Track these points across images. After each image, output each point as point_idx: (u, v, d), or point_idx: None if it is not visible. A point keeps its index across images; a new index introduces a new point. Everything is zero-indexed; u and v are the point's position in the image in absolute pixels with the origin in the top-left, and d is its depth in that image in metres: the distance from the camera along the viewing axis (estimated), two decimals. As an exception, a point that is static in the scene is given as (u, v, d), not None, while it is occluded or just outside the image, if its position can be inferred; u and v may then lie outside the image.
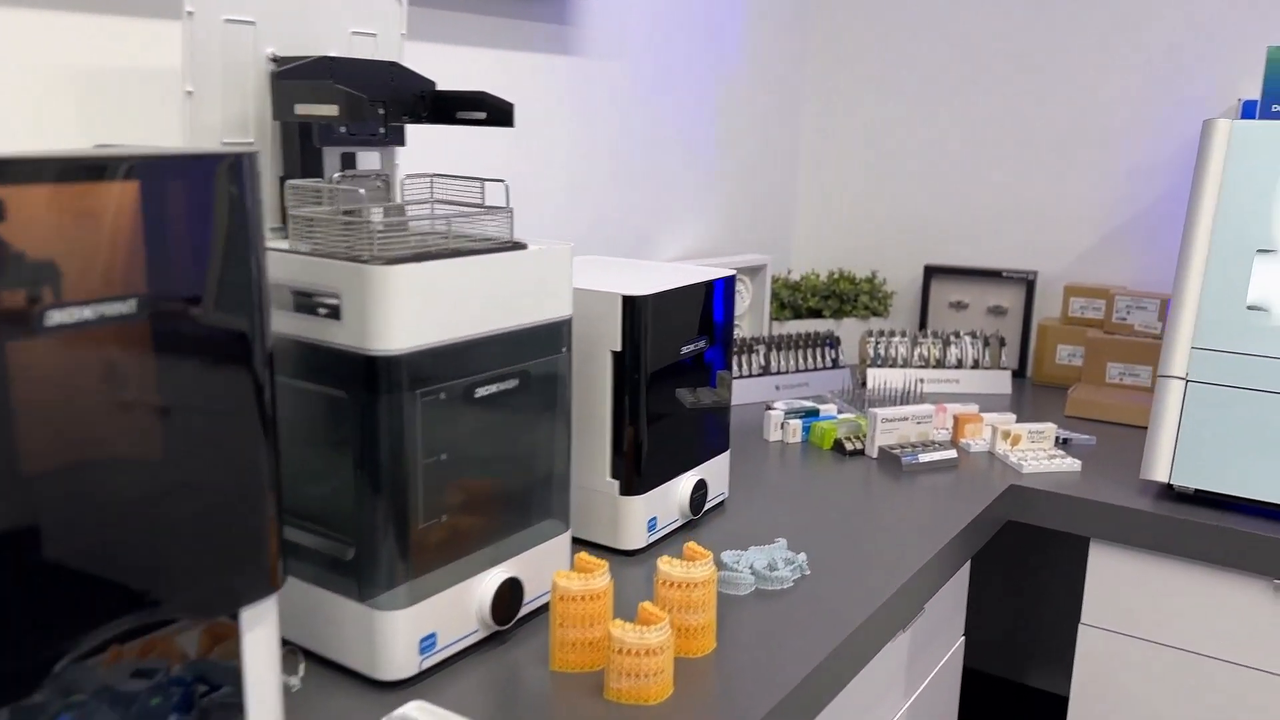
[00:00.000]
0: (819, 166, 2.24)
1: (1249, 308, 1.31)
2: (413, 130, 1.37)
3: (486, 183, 1.34)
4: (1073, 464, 1.47)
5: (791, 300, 2.07)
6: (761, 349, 1.83)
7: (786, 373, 1.84)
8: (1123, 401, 1.71)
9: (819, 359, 1.88)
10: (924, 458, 1.46)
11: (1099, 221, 1.95)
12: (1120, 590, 1.37)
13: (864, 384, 1.89)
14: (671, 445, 1.17)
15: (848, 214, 2.22)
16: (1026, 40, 1.97)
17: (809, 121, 2.23)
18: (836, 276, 2.13)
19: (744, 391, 1.79)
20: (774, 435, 1.59)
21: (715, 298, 1.21)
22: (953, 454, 1.48)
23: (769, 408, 1.64)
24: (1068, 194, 1.97)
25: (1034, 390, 1.91)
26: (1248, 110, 1.65)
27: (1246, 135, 1.35)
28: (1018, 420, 1.69)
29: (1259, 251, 1.32)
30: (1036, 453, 1.51)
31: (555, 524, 1.01)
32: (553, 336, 0.97)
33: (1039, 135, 1.98)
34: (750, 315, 2.02)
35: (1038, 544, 2.10)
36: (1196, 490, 1.32)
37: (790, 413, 1.60)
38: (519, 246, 0.94)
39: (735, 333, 1.99)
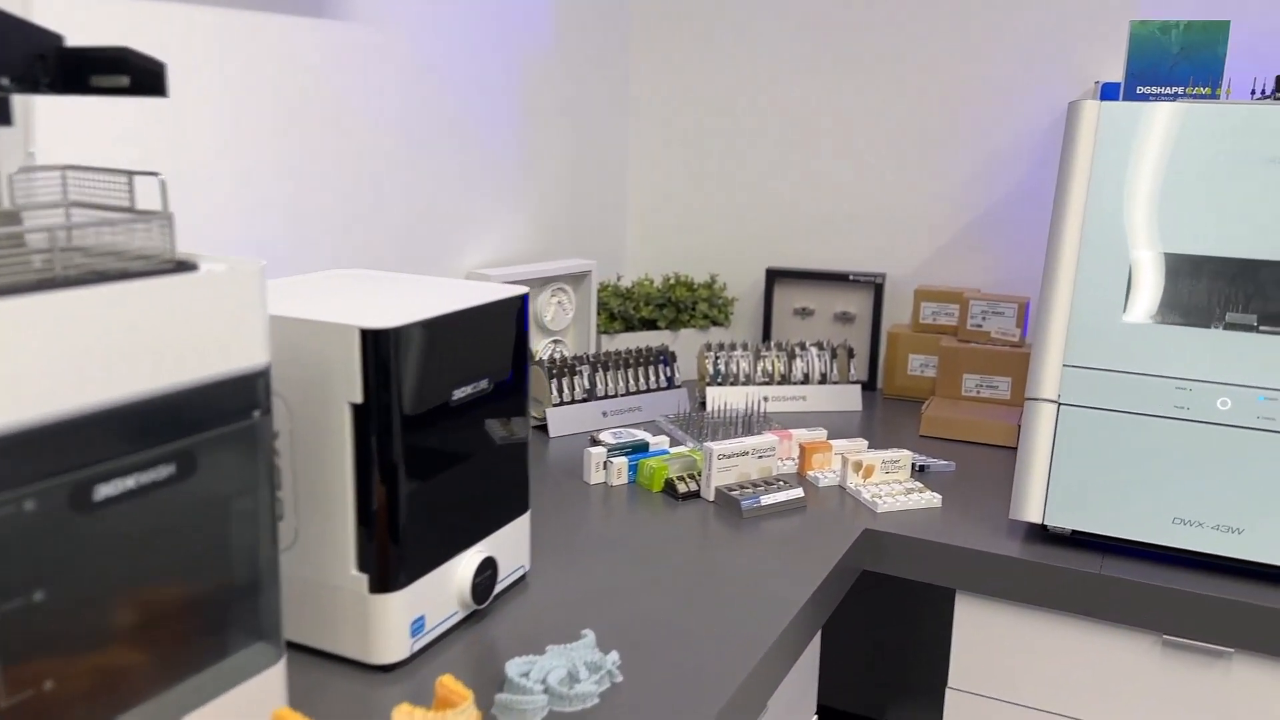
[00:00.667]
0: (652, 162, 2.00)
1: (1125, 321, 1.14)
2: (69, 106, 1.05)
3: (137, 177, 1.04)
4: (932, 499, 1.28)
5: (622, 310, 1.83)
6: (585, 370, 1.58)
7: (615, 396, 1.60)
8: (981, 418, 1.54)
9: (652, 378, 1.64)
10: (767, 500, 1.24)
11: (949, 219, 1.79)
12: (991, 648, 1.19)
13: (703, 405, 1.67)
14: (445, 518, 0.90)
15: (684, 213, 2.00)
16: (868, 30, 1.78)
17: (640, 111, 1.99)
18: (673, 282, 1.90)
19: (565, 421, 1.53)
20: (596, 477, 1.34)
21: (505, 321, 0.95)
22: (798, 494, 1.27)
23: (593, 441, 1.39)
24: (916, 190, 1.80)
25: (885, 406, 1.73)
26: (1108, 93, 1.50)
27: (1116, 118, 1.18)
28: (870, 445, 1.50)
29: (1138, 252, 1.15)
30: (892, 486, 1.31)
31: (262, 651, 0.73)
32: (237, 395, 0.68)
33: (885, 129, 1.80)
34: (574, 329, 1.77)
35: (899, 594, 1.92)
36: (1074, 532, 1.14)
37: (615, 449, 1.35)
38: (185, 267, 0.65)
39: (554, 352, 1.74)
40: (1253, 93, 1.30)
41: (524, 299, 0.98)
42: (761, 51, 1.87)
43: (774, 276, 1.87)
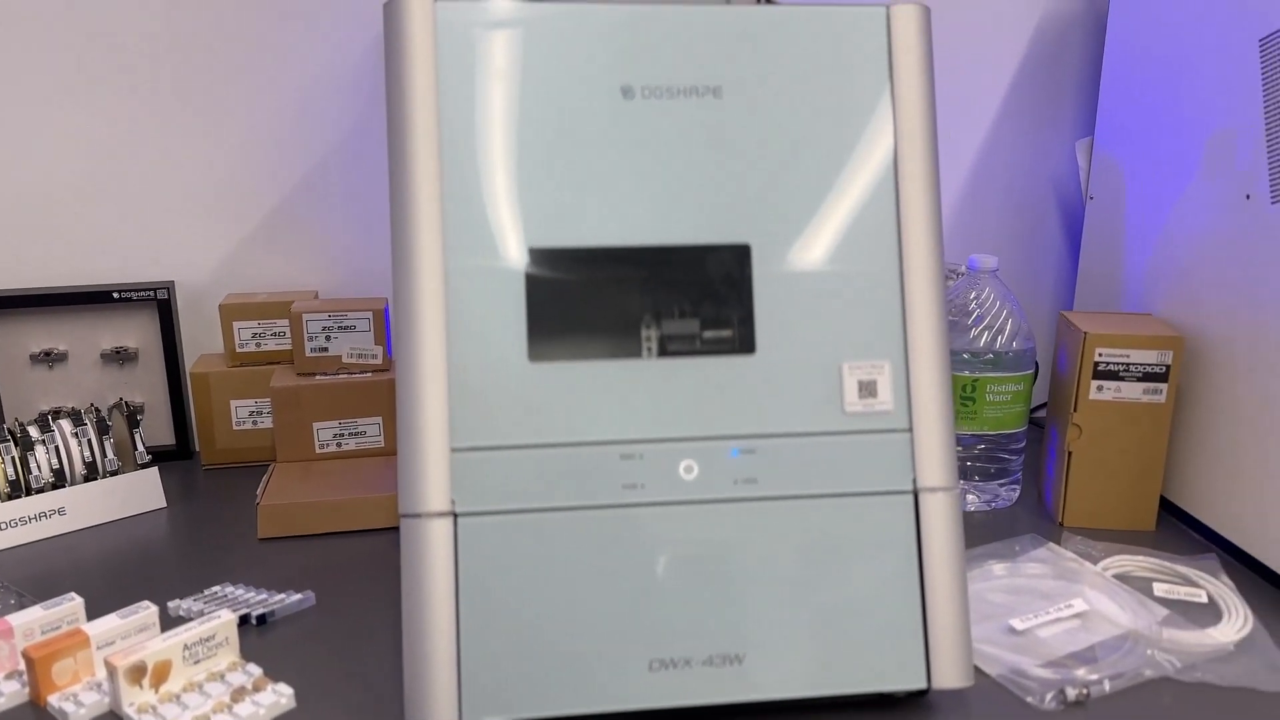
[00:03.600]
0: None
1: (533, 365, 0.69)
2: None
3: None
4: (277, 697, 0.74)
5: None
6: None
7: None
8: (347, 493, 1.03)
9: None
10: (-68, 834, 0.60)
11: (257, 191, 1.22)
12: None
13: None
14: None
15: None
16: (63, -118, 1.10)
17: None
18: None
19: None
20: None
21: None
22: (11, 787, 0.64)
23: None
24: (206, 148, 1.19)
25: (209, 486, 1.14)
26: None
27: (464, 29, 0.71)
28: (173, 599, 0.91)
29: (532, 251, 0.70)
30: (208, 691, 0.75)
31: None
32: None
33: (138, 47, 1.16)
34: None
35: None
36: (511, 725, 0.69)
37: None
38: None
39: None
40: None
41: None
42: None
43: (-14, 309, 1.15)
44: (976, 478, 1.06)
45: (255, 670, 0.78)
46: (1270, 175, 0.89)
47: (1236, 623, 0.84)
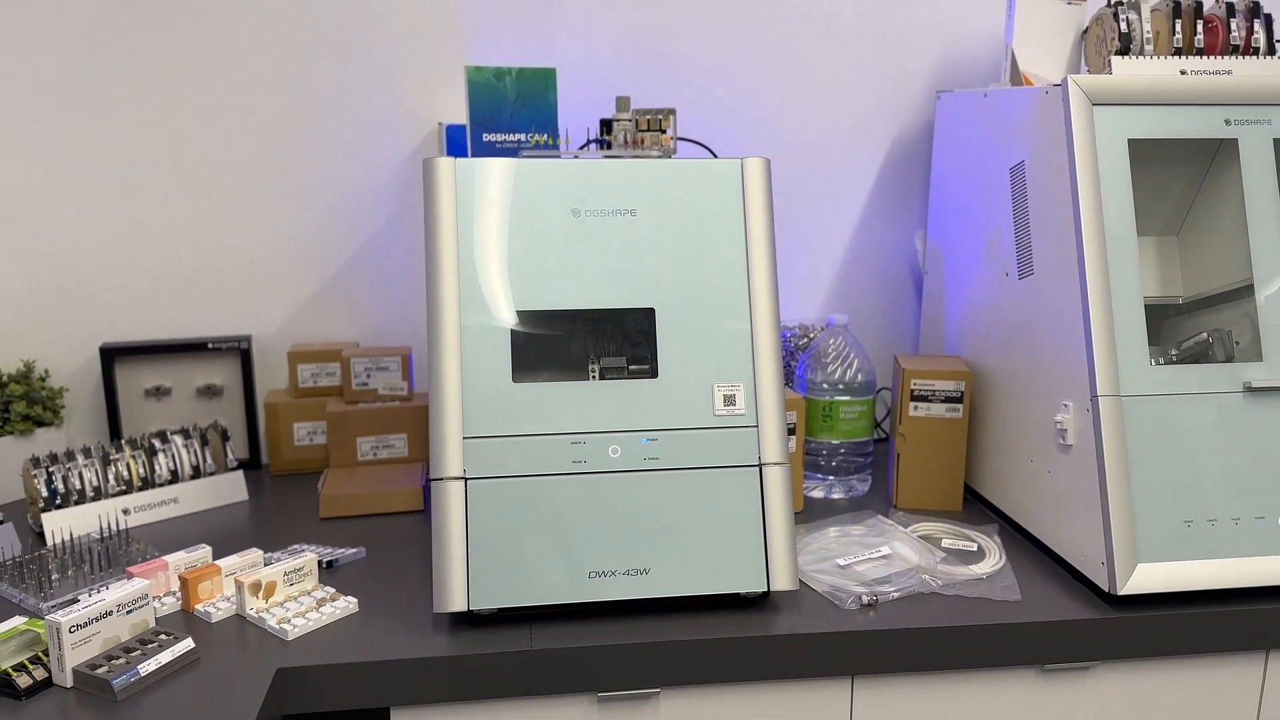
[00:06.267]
0: (-93, 224, 1.53)
1: (515, 384, 1.10)
2: None
3: None
4: (348, 604, 1.14)
5: (-104, 431, 1.38)
6: None
7: (-98, 556, 1.18)
8: (384, 486, 1.43)
9: (-43, 521, 1.25)
10: (147, 668, 0.99)
11: (312, 271, 1.64)
12: (438, 754, 1.09)
13: (41, 538, 1.32)
14: None
15: (-30, 287, 1.57)
16: (197, 71, 1.54)
17: (-126, 159, 1.51)
18: (-32, 381, 1.48)
19: None
20: (-118, 699, 0.96)
21: None
22: (188, 645, 1.03)
23: None
24: (270, 242, 1.62)
25: (276, 486, 1.54)
26: (452, 135, 1.46)
27: (470, 173, 1.13)
28: (267, 550, 1.30)
29: (516, 313, 1.12)
30: (301, 601, 1.14)
31: None
32: None
33: (229, 166, 1.58)
34: None
35: None
36: (500, 610, 1.09)
37: (-93, 650, 0.98)
38: None
39: None
40: (587, 141, 1.36)
41: None
42: (72, 79, 1.52)
43: (112, 355, 1.55)
44: (838, 474, 1.47)
45: (330, 590, 1.17)
46: (1018, 260, 1.32)
47: (992, 561, 1.25)
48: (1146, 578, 1.11)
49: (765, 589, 1.11)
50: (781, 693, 1.12)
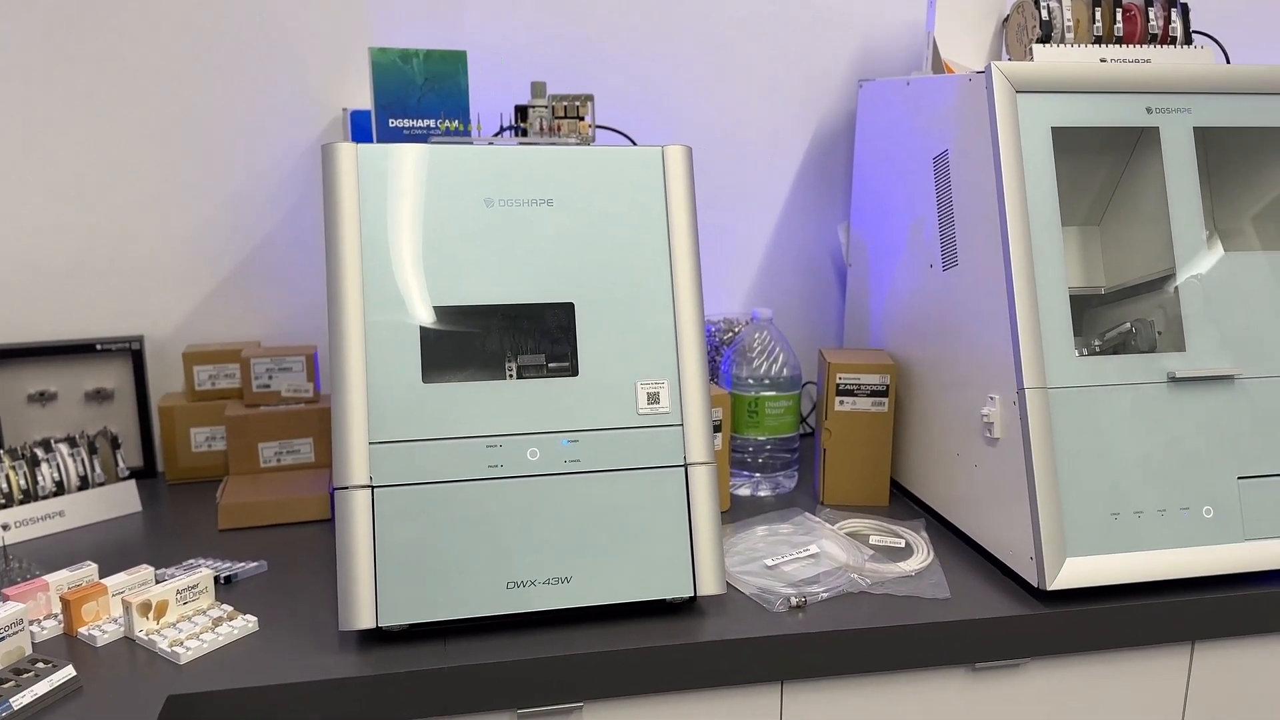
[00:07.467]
0: None
1: (426, 385, 1.04)
2: None
3: None
4: (246, 623, 1.06)
5: None
6: None
7: None
8: (288, 494, 1.35)
9: None
10: (21, 700, 0.91)
11: (208, 267, 1.54)
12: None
13: (-96, 560, 1.21)
14: None
15: None
16: (79, 59, 1.43)
17: None
18: None
19: None
20: None
21: None
22: (68, 674, 0.95)
23: None
24: (162, 236, 1.52)
25: (173, 496, 1.45)
26: (358, 122, 1.39)
27: (373, 160, 1.06)
28: (160, 566, 1.21)
29: (424, 308, 1.05)
30: (195, 621, 1.06)
31: None
32: None
33: (118, 155, 1.48)
34: None
35: None
36: (411, 626, 1.03)
37: None
38: None
39: None
40: (501, 128, 1.30)
41: None
42: (-89, 66, 1.40)
43: (-10, 359, 1.44)
44: (764, 471, 1.44)
45: (228, 608, 1.09)
46: (942, 251, 1.30)
47: (920, 557, 1.22)
48: (1075, 572, 1.10)
49: (692, 594, 1.07)
50: (709, 700, 1.07)
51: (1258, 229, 1.28)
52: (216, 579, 1.17)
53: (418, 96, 1.23)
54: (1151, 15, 1.31)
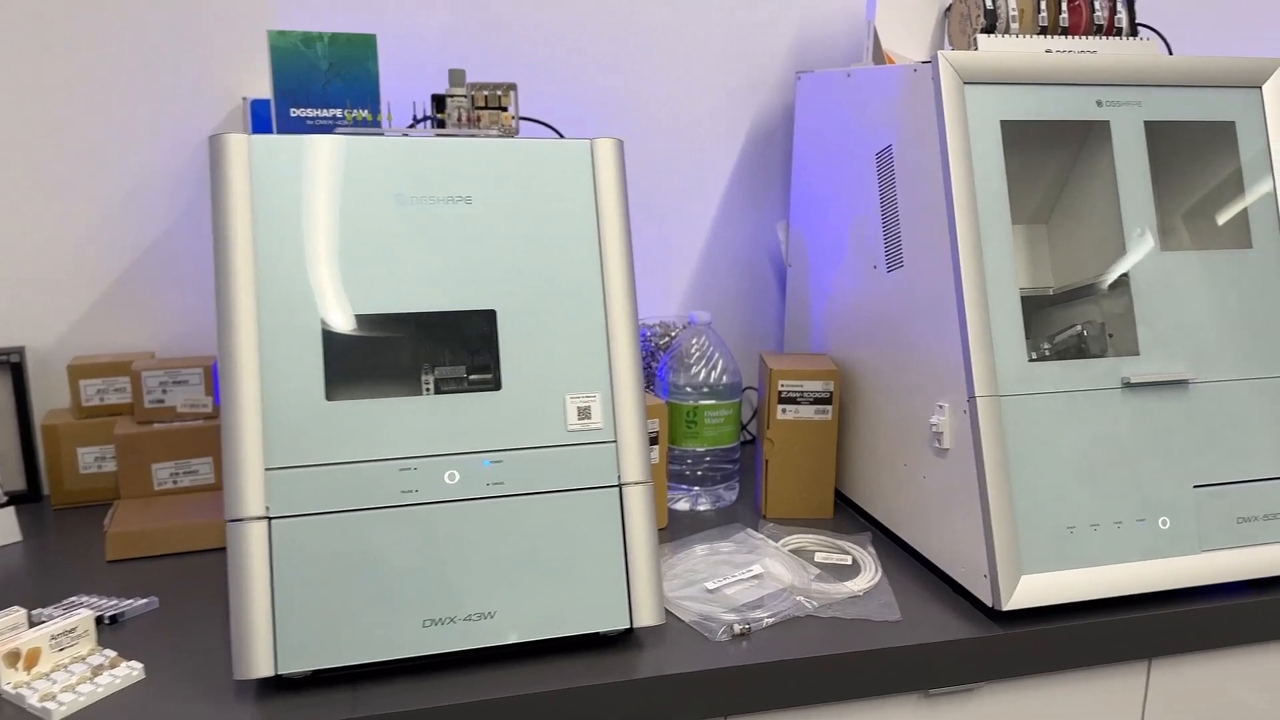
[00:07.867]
0: None
1: (330, 403, 0.93)
2: None
3: None
4: (131, 671, 0.95)
5: None
6: None
7: None
8: (183, 519, 1.23)
9: None
10: None
11: (100, 267, 1.41)
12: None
13: None
14: None
15: None
16: (-79, 6, 1.29)
17: None
18: None
19: None
20: None
21: None
22: (-85, 742, 0.83)
23: None
24: (54, 233, 1.38)
25: (60, 523, 1.32)
26: (258, 111, 1.27)
27: (272, 152, 0.96)
28: (36, 607, 1.09)
29: (328, 316, 0.95)
30: (72, 671, 0.95)
31: None
32: None
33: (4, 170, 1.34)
34: None
35: None
36: (315, 673, 0.92)
37: None
38: None
39: None
40: (415, 119, 1.20)
41: None
42: None
43: None
44: (704, 484, 1.36)
45: (111, 653, 0.98)
46: (887, 251, 1.23)
47: (868, 575, 1.16)
48: (1031, 591, 1.04)
49: (628, 626, 0.98)
50: (648, 741, 0.99)
51: (1205, 228, 1.24)
52: (100, 619, 1.05)
53: (322, 84, 1.12)
54: (1097, 6, 1.26)
